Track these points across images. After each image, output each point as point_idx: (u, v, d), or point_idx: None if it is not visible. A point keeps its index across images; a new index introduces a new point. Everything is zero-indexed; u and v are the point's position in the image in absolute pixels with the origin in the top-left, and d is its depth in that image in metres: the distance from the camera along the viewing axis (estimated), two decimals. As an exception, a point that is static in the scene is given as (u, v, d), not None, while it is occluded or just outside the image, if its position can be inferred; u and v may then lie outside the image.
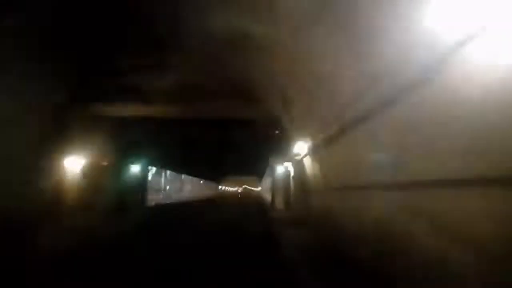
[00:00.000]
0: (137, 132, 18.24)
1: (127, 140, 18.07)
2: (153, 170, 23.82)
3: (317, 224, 8.41)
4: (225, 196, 62.50)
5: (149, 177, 24.51)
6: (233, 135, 19.72)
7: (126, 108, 15.01)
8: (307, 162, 9.58)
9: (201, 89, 13.74)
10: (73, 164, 14.21)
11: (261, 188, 58.41)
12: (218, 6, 6.46)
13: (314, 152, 8.33)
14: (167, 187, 27.21)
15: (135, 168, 19.94)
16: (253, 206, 30.86)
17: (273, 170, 20.72)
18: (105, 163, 16.69)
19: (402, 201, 3.77)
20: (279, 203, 20.09)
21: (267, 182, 27.88)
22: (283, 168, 19.69)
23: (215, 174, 49.56)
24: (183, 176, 31.56)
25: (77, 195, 14.36)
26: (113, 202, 17.44)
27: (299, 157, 10.57)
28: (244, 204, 35.69)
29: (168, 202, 25.63)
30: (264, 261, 7.11)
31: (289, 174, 18.30)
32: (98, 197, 16.13)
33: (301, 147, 9.46)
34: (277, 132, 18.85)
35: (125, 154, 18.55)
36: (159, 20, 8.73)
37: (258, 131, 19.27)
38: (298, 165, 11.95)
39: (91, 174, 15.56)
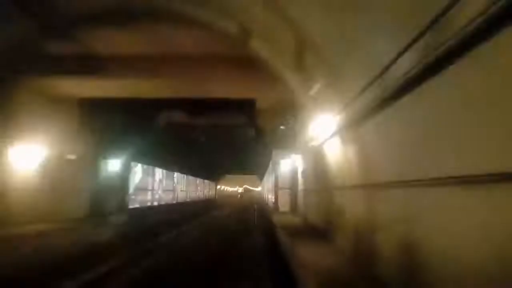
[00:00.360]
0: (115, 119, 15.23)
1: (103, 128, 15.08)
2: (138, 167, 20.80)
3: (360, 243, 5.34)
4: (224, 195, 59.48)
5: (137, 176, 21.50)
6: (231, 127, 16.77)
7: (92, 84, 11.92)
8: (332, 147, 6.57)
9: (191, 59, 10.72)
10: (26, 156, 11.19)
11: (262, 188, 55.36)
12: None
13: (347, 129, 5.32)
14: (157, 187, 24.15)
15: (114, 165, 16.92)
16: (255, 210, 27.96)
17: (276, 166, 17.71)
18: (72, 157, 13.67)
19: None
20: (284, 205, 17.09)
21: (269, 181, 24.69)
22: (288, 163, 16.69)
23: (213, 173, 46.56)
24: (175, 174, 28.54)
25: (31, 199, 11.31)
26: (84, 207, 14.44)
27: (316, 142, 7.55)
28: (245, 207, 32.95)
29: (155, 204, 22.60)
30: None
31: (297, 170, 15.31)
32: (63, 200, 13.13)
33: (322, 126, 6.43)
34: (281, 127, 15.95)
35: (101, 146, 15.56)
36: None
37: (259, 121, 16.28)
38: (314, 155, 8.93)
39: (54, 170, 12.56)
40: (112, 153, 16.57)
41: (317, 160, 8.57)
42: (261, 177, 47.73)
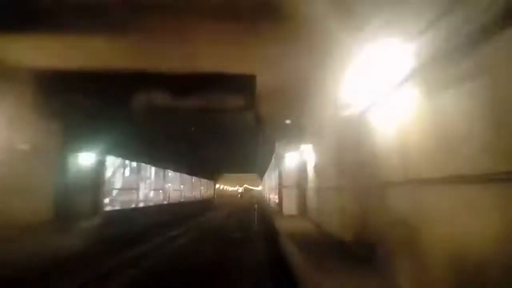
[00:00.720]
0: (82, 100, 12.37)
1: (68, 112, 12.23)
2: (118, 163, 17.97)
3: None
4: (223, 195, 56.58)
5: (117, 173, 18.68)
6: (226, 113, 13.90)
7: (44, 48, 9.05)
8: (392, 111, 3.72)
9: (169, 9, 7.83)
10: None
11: (262, 187, 52.54)
12: None
13: (452, 57, 2.47)
14: (145, 186, 21.29)
15: (86, 159, 14.10)
16: (255, 210, 25.30)
17: (280, 161, 14.90)
18: (25, 146, 10.83)
19: None
20: (289, 207, 14.30)
21: (271, 178, 21.79)
22: (295, 156, 13.88)
23: (211, 172, 43.71)
24: (167, 172, 25.73)
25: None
26: (45, 210, 11.61)
27: (353, 110, 4.71)
28: (245, 208, 30.39)
29: (141, 205, 19.73)
30: None
31: (305, 164, 12.51)
32: (14, 200, 10.29)
33: (370, 76, 3.60)
34: (287, 121, 13.22)
35: (66, 135, 12.74)
36: None
37: (261, 106, 13.48)
38: (343, 134, 6.12)
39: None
40: (82, 145, 13.75)
41: (348, 142, 5.73)
42: (261, 175, 44.84)
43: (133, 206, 18.32)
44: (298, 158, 13.58)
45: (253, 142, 16.21)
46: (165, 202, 23.99)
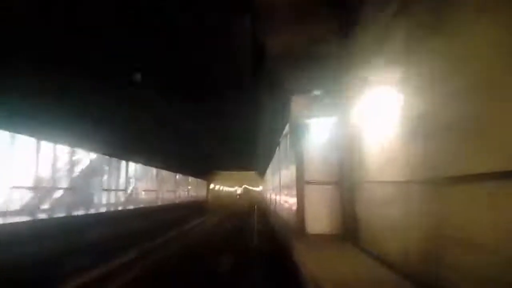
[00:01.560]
0: None
1: None
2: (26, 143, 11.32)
3: None
4: (220, 197, 49.81)
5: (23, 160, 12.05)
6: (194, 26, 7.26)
7: None
8: None
9: None
10: None
11: (263, 187, 45.84)
12: None
13: None
14: (87, 183, 14.56)
15: None
16: (254, 217, 18.92)
17: (299, 136, 8.20)
18: None
19: None
20: (319, 220, 7.65)
21: (280, 171, 15.00)
22: (331, 124, 7.32)
23: (203, 168, 37.16)
24: (137, 166, 19.21)
25: None
26: None
27: None
28: (242, 215, 24.09)
29: (79, 214, 12.88)
30: None
31: (357, 136, 5.94)
32: None
33: None
34: (315, 92, 7.01)
35: None
36: None
37: (263, 26, 6.95)
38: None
39: None
40: None
41: None
42: (262, 173, 38.13)
43: (62, 215, 11.66)
44: (340, 127, 6.99)
45: (250, 97, 9.53)
46: (129, 207, 17.36)
